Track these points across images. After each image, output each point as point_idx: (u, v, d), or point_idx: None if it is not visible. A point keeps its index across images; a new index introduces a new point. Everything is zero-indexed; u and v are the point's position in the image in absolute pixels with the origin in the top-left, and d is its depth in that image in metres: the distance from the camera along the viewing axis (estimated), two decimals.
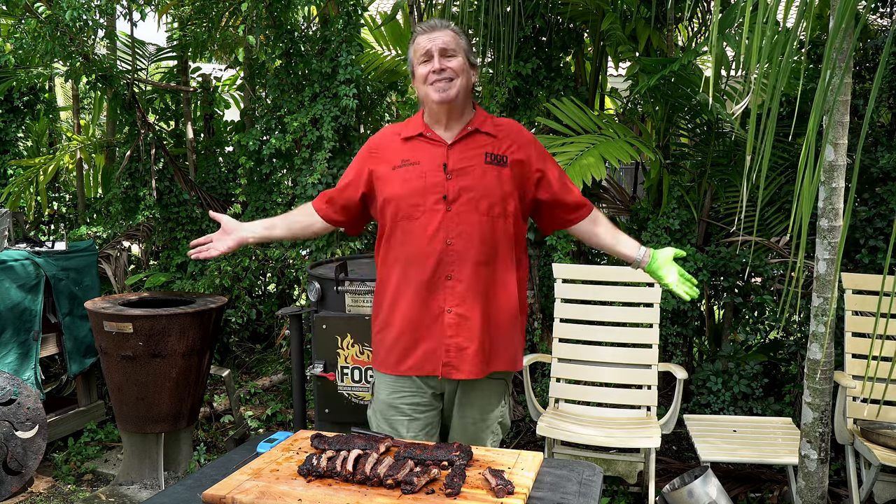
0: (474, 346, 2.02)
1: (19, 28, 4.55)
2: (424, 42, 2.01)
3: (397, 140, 2.11)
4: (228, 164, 5.73)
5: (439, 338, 2.02)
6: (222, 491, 1.58)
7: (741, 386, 3.67)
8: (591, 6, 4.05)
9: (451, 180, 2.02)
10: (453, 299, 2.01)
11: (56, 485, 3.65)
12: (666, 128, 4.06)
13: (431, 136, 2.07)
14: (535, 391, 3.80)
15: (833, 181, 2.38)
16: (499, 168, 2.04)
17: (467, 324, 2.01)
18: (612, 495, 3.32)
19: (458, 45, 2.02)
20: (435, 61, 1.99)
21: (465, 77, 2.02)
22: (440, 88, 1.99)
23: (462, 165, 2.03)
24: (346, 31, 4.35)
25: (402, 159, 2.06)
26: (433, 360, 2.04)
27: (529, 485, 1.61)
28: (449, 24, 2.07)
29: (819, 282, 2.45)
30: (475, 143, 2.06)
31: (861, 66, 4.17)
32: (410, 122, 2.14)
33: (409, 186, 2.03)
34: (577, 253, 4.19)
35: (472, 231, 2.01)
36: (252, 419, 4.31)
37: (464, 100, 2.05)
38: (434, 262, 2.01)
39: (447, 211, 2.00)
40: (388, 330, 2.10)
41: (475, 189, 2.01)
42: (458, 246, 2.00)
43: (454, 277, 2.01)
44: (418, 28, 2.07)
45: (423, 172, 2.03)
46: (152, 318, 3.41)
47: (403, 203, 2.03)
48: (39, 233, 6.29)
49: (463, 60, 2.02)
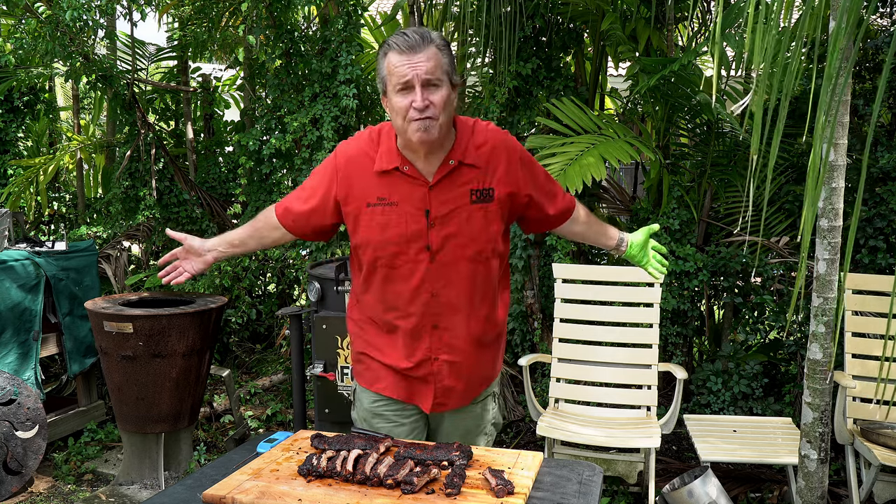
0: (462, 385, 1.95)
1: (19, 28, 4.55)
2: (404, 69, 1.71)
3: (369, 171, 1.85)
4: (228, 164, 5.73)
5: (425, 381, 1.94)
6: (222, 491, 1.58)
7: (741, 386, 3.67)
8: (591, 6, 4.05)
9: (435, 228, 1.82)
10: (440, 347, 1.90)
11: (56, 485, 3.65)
12: (666, 128, 4.06)
13: (409, 173, 1.82)
14: (535, 391, 3.79)
15: (833, 181, 2.38)
16: (485, 206, 1.84)
17: (455, 367, 1.92)
18: (612, 495, 3.32)
19: (441, 70, 1.74)
20: (417, 95, 1.71)
21: (448, 109, 1.76)
22: (421, 128, 1.72)
23: (446, 211, 1.82)
24: (346, 31, 4.36)
25: (377, 196, 1.83)
26: (420, 397, 1.96)
27: (529, 485, 1.61)
28: (430, 38, 1.75)
29: (819, 282, 2.45)
30: (459, 179, 1.83)
31: (861, 66, 4.16)
32: (382, 147, 1.85)
33: (389, 233, 1.83)
34: (577, 253, 4.19)
35: (460, 279, 1.86)
36: (252, 419, 4.31)
37: (445, 130, 1.78)
38: (419, 312, 1.87)
39: (430, 262, 1.84)
40: (369, 361, 1.99)
41: (461, 235, 1.83)
42: (444, 297, 1.86)
43: (440, 326, 1.89)
44: (394, 41, 1.74)
45: (402, 217, 1.82)
46: (152, 318, 3.41)
47: (383, 251, 1.85)
48: (39, 233, 6.29)
49: (447, 90, 1.75)
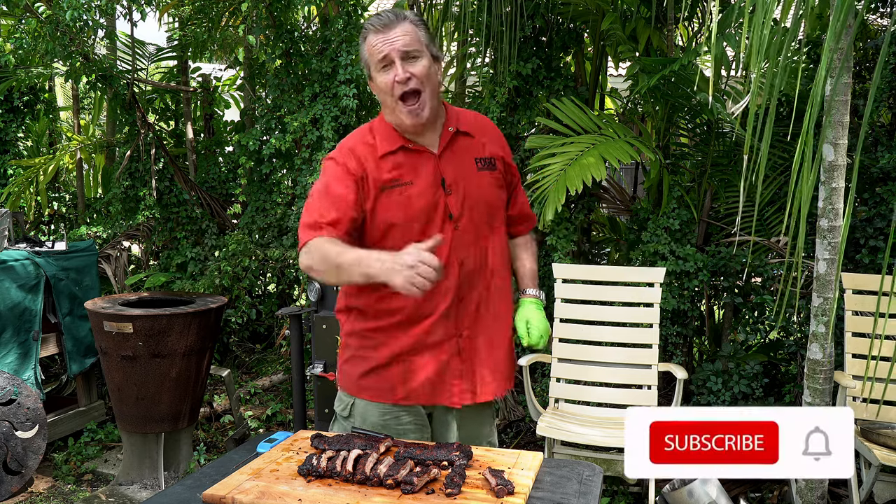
0: (489, 366, 1.92)
1: (19, 28, 4.55)
2: (381, 46, 1.76)
3: (374, 156, 1.85)
4: (228, 164, 5.73)
5: (449, 367, 1.88)
6: (222, 491, 1.58)
7: (741, 386, 3.67)
8: (591, 6, 4.05)
9: (452, 195, 1.85)
10: (466, 321, 1.88)
11: (56, 485, 3.65)
12: (666, 128, 4.06)
13: (415, 148, 1.85)
14: (535, 391, 3.79)
15: (833, 181, 2.38)
16: (491, 173, 1.91)
17: (480, 344, 1.90)
18: (612, 495, 3.32)
19: (419, 42, 1.78)
20: (398, 68, 1.75)
21: (432, 82, 1.80)
22: (414, 112, 1.77)
23: (458, 177, 1.86)
24: (346, 31, 4.35)
25: (390, 179, 1.83)
26: (446, 391, 1.89)
27: (529, 485, 1.61)
28: (404, 14, 1.80)
29: (819, 282, 2.45)
30: (460, 147, 1.89)
31: (861, 66, 4.16)
32: (379, 134, 1.87)
33: (411, 210, 1.82)
34: (577, 253, 4.18)
35: (481, 246, 1.89)
36: (252, 419, 4.31)
37: (436, 104, 1.83)
38: (453, 286, 1.85)
39: (455, 230, 1.84)
40: (371, 359, 1.91)
41: (476, 200, 1.87)
42: (470, 266, 1.87)
43: (466, 299, 1.88)
44: (369, 24, 1.79)
45: (421, 192, 1.83)
46: (152, 318, 3.41)
47: (409, 231, 1.81)
48: (39, 233, 6.29)
49: (428, 61, 1.79)
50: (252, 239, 4.95)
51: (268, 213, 5.01)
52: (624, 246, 4.40)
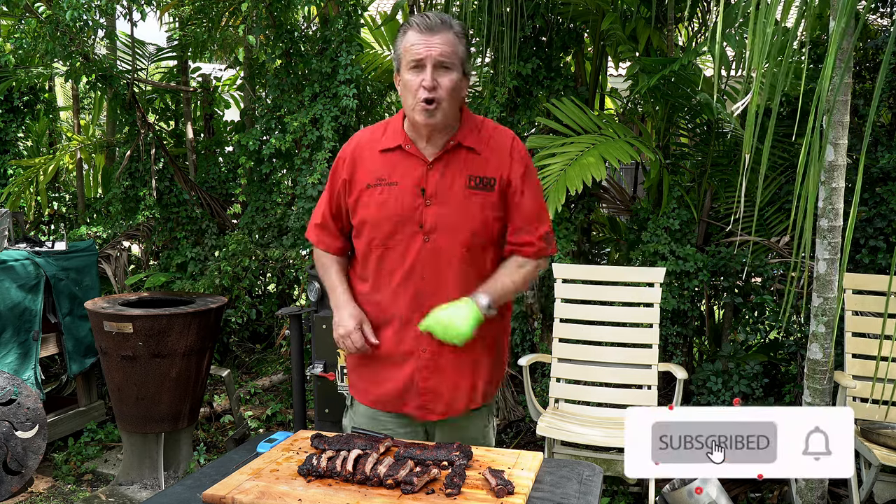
0: (447, 386, 1.88)
1: (19, 28, 4.55)
2: (419, 47, 1.75)
3: (374, 151, 1.88)
4: (228, 164, 5.73)
5: (411, 380, 1.88)
6: (222, 491, 1.58)
7: (741, 386, 3.67)
8: (591, 6, 4.05)
9: (429, 207, 1.82)
10: (425, 338, 1.83)
11: (56, 485, 3.65)
12: (666, 128, 4.06)
13: (411, 151, 1.85)
14: (535, 391, 3.79)
15: (833, 181, 2.38)
16: (484, 194, 1.83)
17: (440, 363, 1.86)
18: (612, 495, 3.32)
19: (456, 56, 1.77)
20: (427, 74, 1.74)
21: (455, 96, 1.79)
22: (426, 112, 1.76)
23: (441, 189, 1.82)
24: (346, 31, 4.35)
25: (377, 178, 1.85)
26: (407, 400, 1.91)
27: (529, 485, 1.61)
28: (450, 22, 1.78)
29: (819, 282, 2.45)
30: (457, 161, 1.84)
31: (861, 66, 4.16)
32: (390, 128, 1.90)
33: (385, 211, 1.83)
34: (577, 253, 4.18)
35: (452, 265, 1.82)
36: (252, 419, 4.31)
37: (451, 115, 1.81)
38: (410, 295, 1.84)
39: (424, 242, 1.82)
40: (354, 357, 1.98)
41: (455, 218, 1.81)
42: (435, 283, 1.83)
43: (424, 314, 1.82)
44: (415, 20, 1.77)
45: (400, 195, 1.82)
46: (152, 318, 3.41)
47: (378, 230, 1.85)
48: (39, 233, 6.29)
49: (457, 76, 1.78)
50: (252, 239, 4.96)
51: (268, 213, 5.01)
52: (624, 246, 4.40)
